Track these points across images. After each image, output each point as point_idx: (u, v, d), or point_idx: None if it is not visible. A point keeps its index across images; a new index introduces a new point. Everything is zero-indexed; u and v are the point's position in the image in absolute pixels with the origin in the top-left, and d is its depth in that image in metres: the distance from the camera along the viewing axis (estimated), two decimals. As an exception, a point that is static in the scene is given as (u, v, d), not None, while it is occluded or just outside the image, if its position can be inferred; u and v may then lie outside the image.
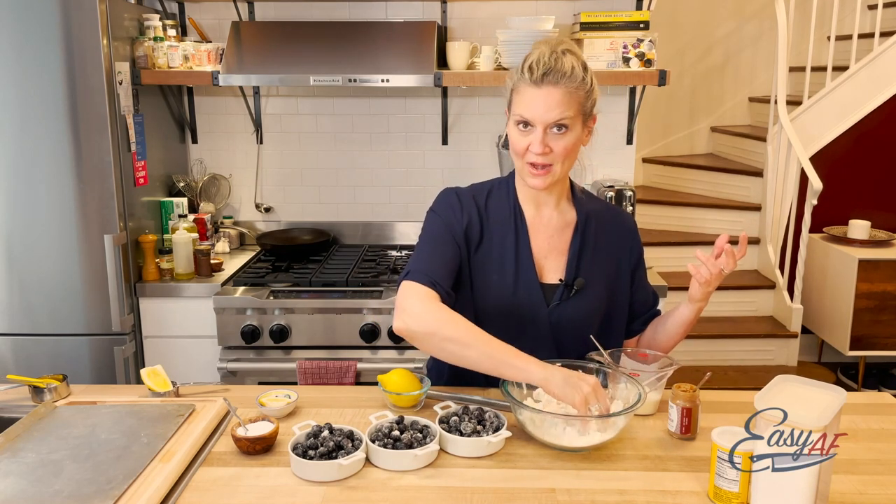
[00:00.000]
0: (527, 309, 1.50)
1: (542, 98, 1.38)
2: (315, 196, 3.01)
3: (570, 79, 1.39)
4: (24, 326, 2.41)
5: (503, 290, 1.50)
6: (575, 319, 1.51)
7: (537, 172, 1.43)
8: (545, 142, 1.40)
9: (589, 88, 1.42)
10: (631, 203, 2.73)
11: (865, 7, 3.89)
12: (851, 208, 3.70)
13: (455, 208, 1.51)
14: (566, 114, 1.39)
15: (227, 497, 1.18)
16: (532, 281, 1.50)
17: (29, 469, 1.21)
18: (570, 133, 1.41)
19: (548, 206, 1.55)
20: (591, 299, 1.53)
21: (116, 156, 2.36)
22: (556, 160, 1.42)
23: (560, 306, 1.51)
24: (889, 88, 3.59)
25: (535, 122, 1.40)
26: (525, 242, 1.51)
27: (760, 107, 4.34)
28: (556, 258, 1.54)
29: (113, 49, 2.34)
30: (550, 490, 1.20)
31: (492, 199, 1.54)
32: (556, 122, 1.39)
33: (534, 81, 1.39)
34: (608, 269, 1.56)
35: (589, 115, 1.45)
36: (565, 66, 1.39)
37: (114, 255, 2.35)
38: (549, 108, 1.38)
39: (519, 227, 1.52)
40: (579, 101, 1.40)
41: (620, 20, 2.58)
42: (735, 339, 3.44)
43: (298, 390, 1.51)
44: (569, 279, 1.51)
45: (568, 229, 1.55)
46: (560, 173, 1.45)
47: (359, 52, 2.59)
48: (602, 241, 1.56)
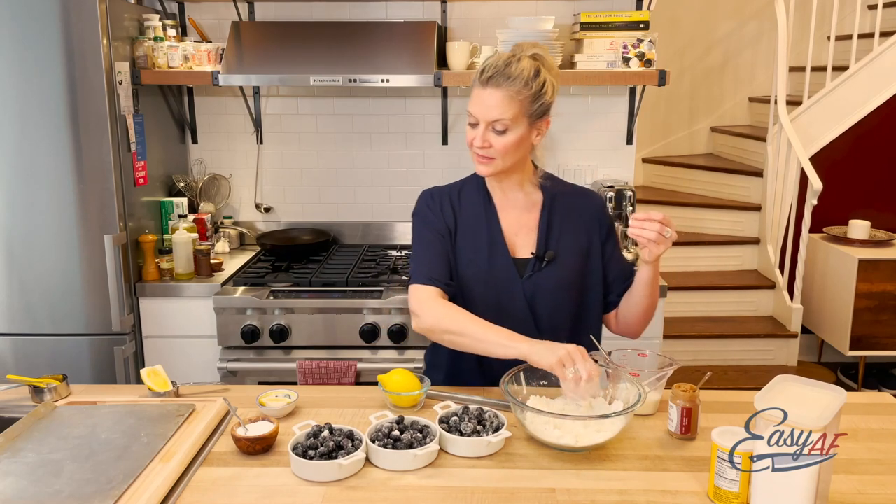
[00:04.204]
0: (502, 282, 1.61)
1: (484, 98, 1.51)
2: (315, 196, 3.01)
3: (512, 82, 1.49)
4: (24, 326, 2.41)
5: (479, 265, 1.61)
6: (548, 290, 1.61)
7: (481, 161, 1.56)
8: (485, 137, 1.52)
9: (537, 93, 1.51)
10: (631, 203, 2.73)
11: (865, 7, 3.89)
12: (851, 208, 3.70)
13: (431, 206, 1.66)
14: (505, 115, 1.49)
15: (227, 497, 1.18)
16: (504, 255, 1.62)
17: (29, 469, 1.21)
18: (511, 133, 1.52)
19: (513, 190, 1.66)
20: (563, 270, 1.62)
21: (116, 156, 2.36)
22: (496, 155, 1.53)
23: (532, 278, 1.61)
24: (889, 88, 3.59)
25: (478, 118, 1.52)
26: (495, 221, 1.64)
27: (760, 107, 4.34)
28: (527, 235, 1.64)
29: (113, 49, 2.34)
30: (550, 490, 1.20)
31: (465, 191, 1.68)
32: (494, 121, 1.50)
33: (481, 82, 1.52)
34: (579, 243, 1.65)
35: (538, 117, 1.54)
36: (513, 70, 1.50)
37: (114, 255, 2.35)
38: (488, 108, 1.50)
39: (488, 210, 1.65)
40: (522, 104, 1.50)
41: (620, 20, 2.58)
42: (735, 339, 3.44)
43: (298, 390, 1.51)
44: (539, 252, 1.62)
45: (535, 208, 1.66)
46: (504, 165, 1.56)
47: (359, 52, 2.59)
48: (571, 218, 1.66)
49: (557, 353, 1.36)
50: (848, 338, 3.37)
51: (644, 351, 1.52)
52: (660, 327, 2.48)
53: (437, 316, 1.52)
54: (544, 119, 1.56)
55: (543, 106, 1.54)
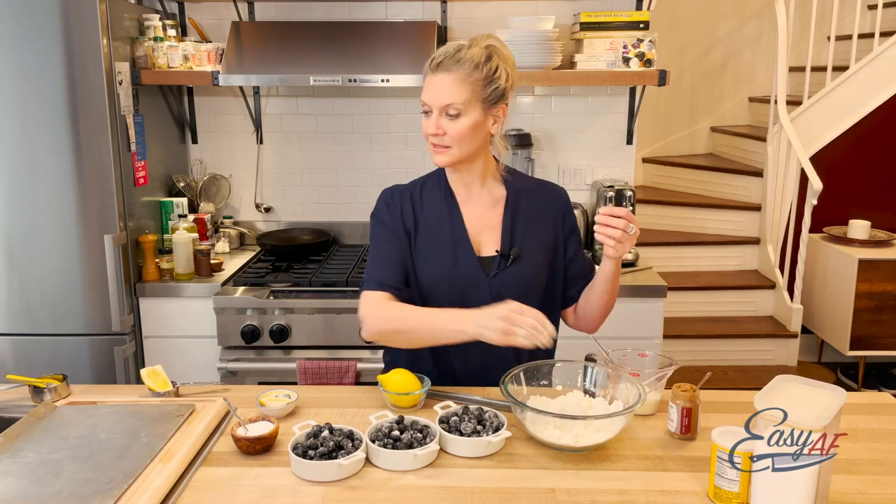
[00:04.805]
0: (468, 281, 1.58)
1: (435, 84, 1.49)
2: (315, 196, 3.01)
3: (462, 65, 1.48)
4: (24, 326, 2.41)
5: (443, 266, 1.58)
6: (515, 287, 1.57)
7: (436, 150, 1.53)
8: (438, 124, 1.50)
9: (489, 76, 1.49)
10: (631, 203, 2.73)
11: (865, 7, 3.89)
12: (851, 208, 3.70)
13: (390, 205, 1.63)
14: (456, 99, 1.47)
15: (227, 497, 1.18)
16: (469, 254, 1.59)
17: (29, 469, 1.21)
18: (464, 118, 1.49)
19: (475, 186, 1.63)
20: (529, 267, 1.60)
21: (116, 156, 2.36)
22: (451, 142, 1.51)
23: (498, 276, 1.58)
24: (889, 88, 3.59)
25: (430, 105, 1.50)
26: (458, 219, 1.61)
27: (760, 107, 4.34)
28: (491, 232, 1.62)
29: (113, 49, 2.34)
30: (550, 490, 1.20)
31: (426, 189, 1.65)
32: (446, 106, 1.48)
33: (431, 69, 1.51)
34: (543, 239, 1.63)
35: (493, 102, 1.52)
36: (463, 55, 1.49)
37: (114, 255, 2.35)
38: (439, 93, 1.48)
39: (451, 207, 1.62)
40: (474, 88, 1.48)
41: (620, 20, 2.58)
42: (735, 339, 3.44)
43: (298, 390, 1.51)
44: (504, 249, 1.59)
45: (499, 205, 1.63)
46: (461, 154, 1.53)
47: (359, 52, 2.59)
48: (534, 213, 1.64)
49: (500, 327, 1.34)
50: (848, 338, 3.37)
51: (644, 351, 1.52)
52: (660, 327, 2.48)
53: (380, 319, 1.50)
54: (500, 106, 1.53)
55: (498, 91, 1.51)
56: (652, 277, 2.54)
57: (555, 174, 2.96)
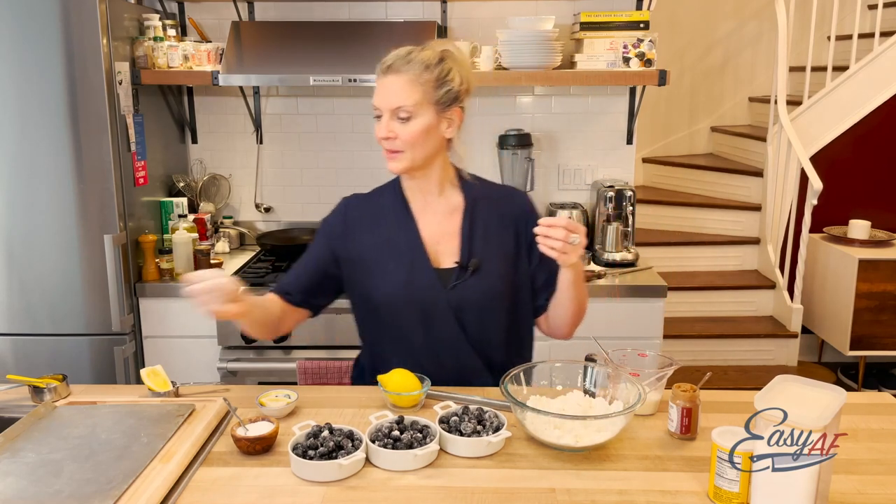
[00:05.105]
0: (426, 294, 1.54)
1: (385, 86, 1.47)
2: (315, 196, 3.00)
3: (412, 66, 1.45)
4: (24, 326, 2.41)
5: (399, 278, 1.54)
6: (476, 300, 1.54)
7: (389, 156, 1.50)
8: (390, 127, 1.46)
9: (440, 78, 1.47)
10: (631, 203, 2.73)
11: (865, 7, 3.89)
12: (851, 208, 3.70)
13: (339, 215, 1.63)
14: (407, 101, 1.44)
15: (227, 497, 1.18)
16: (425, 266, 1.54)
17: (29, 469, 1.21)
18: (416, 121, 1.46)
19: (432, 194, 1.58)
20: (489, 278, 1.55)
21: (116, 156, 2.36)
22: (404, 146, 1.47)
23: (458, 288, 1.54)
24: (889, 88, 3.59)
25: (381, 108, 1.47)
26: (413, 231, 1.57)
27: (760, 107, 4.34)
28: (449, 243, 1.57)
29: (113, 49, 2.34)
30: (550, 490, 1.20)
31: (383, 198, 1.62)
32: (397, 108, 1.45)
33: (382, 72, 1.48)
34: (505, 248, 1.58)
35: (446, 105, 1.48)
36: (414, 56, 1.46)
37: (114, 255, 2.35)
38: (389, 95, 1.45)
39: (406, 218, 1.58)
40: (425, 90, 1.45)
41: (620, 20, 2.58)
42: (735, 339, 3.44)
43: (298, 390, 1.51)
44: (464, 261, 1.55)
45: (457, 213, 1.58)
46: (414, 158, 1.49)
47: (359, 52, 2.59)
48: (494, 221, 1.59)
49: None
50: (848, 338, 3.37)
51: (644, 351, 1.52)
52: (660, 327, 2.48)
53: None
54: (454, 109, 1.49)
55: (451, 94, 1.47)
56: (652, 277, 2.54)
57: (555, 174, 2.96)
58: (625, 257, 2.68)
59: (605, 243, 2.71)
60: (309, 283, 1.60)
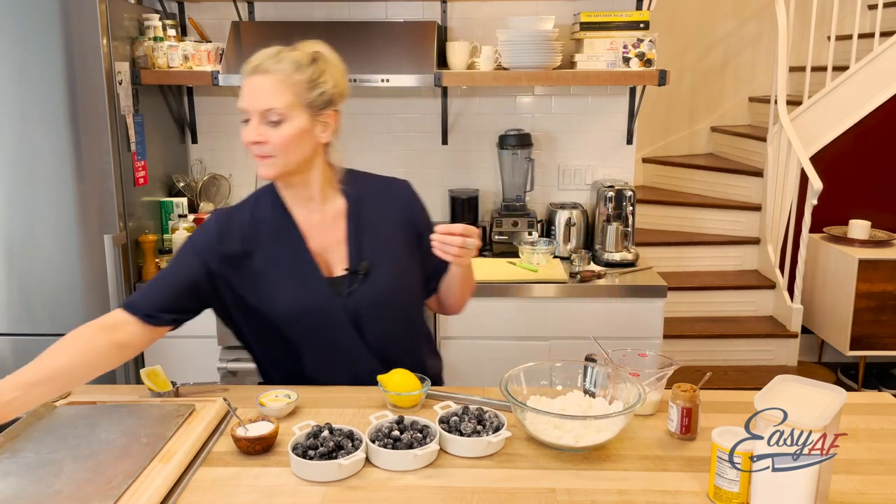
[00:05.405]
0: (320, 306, 1.50)
1: (253, 87, 1.40)
2: (315, 196, 3.00)
3: (282, 66, 1.39)
4: (24, 326, 2.41)
5: (290, 294, 1.49)
6: (373, 302, 1.52)
7: (260, 161, 1.43)
8: (259, 131, 1.40)
9: (313, 79, 1.41)
10: (631, 203, 2.73)
11: (865, 7, 3.89)
12: (851, 208, 3.70)
13: (211, 232, 1.50)
14: (276, 103, 1.38)
15: (227, 497, 1.18)
16: (316, 278, 1.50)
17: (29, 469, 1.21)
18: (287, 124, 1.40)
19: (313, 201, 1.52)
20: (383, 278, 1.53)
21: (116, 156, 2.36)
22: (275, 151, 1.40)
23: (353, 295, 1.51)
24: (889, 88, 3.59)
25: (249, 110, 1.41)
26: (299, 242, 1.50)
27: (760, 107, 4.34)
28: (338, 249, 1.53)
29: (113, 49, 2.34)
30: (550, 490, 1.20)
31: (258, 211, 1.53)
32: (267, 111, 1.38)
33: (249, 72, 1.41)
34: (395, 243, 1.56)
35: (320, 108, 1.43)
36: (283, 56, 1.40)
37: (114, 255, 2.35)
38: (257, 96, 1.39)
39: (290, 230, 1.51)
40: (296, 91, 1.39)
41: (620, 20, 2.58)
42: (735, 339, 3.44)
43: (298, 390, 1.51)
44: (353, 266, 1.51)
45: (340, 217, 1.54)
46: (287, 164, 1.43)
47: (359, 52, 2.59)
48: (380, 218, 1.56)
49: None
50: (848, 338, 3.37)
51: (644, 351, 1.52)
52: (660, 327, 2.48)
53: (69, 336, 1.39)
54: (328, 112, 1.44)
55: (325, 96, 1.42)
56: (652, 277, 2.54)
57: (555, 174, 2.96)
58: (625, 257, 2.68)
59: (605, 243, 2.71)
60: (175, 302, 1.48)
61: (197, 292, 1.51)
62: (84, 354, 1.37)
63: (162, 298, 1.48)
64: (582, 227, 2.78)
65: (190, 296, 1.50)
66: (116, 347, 1.41)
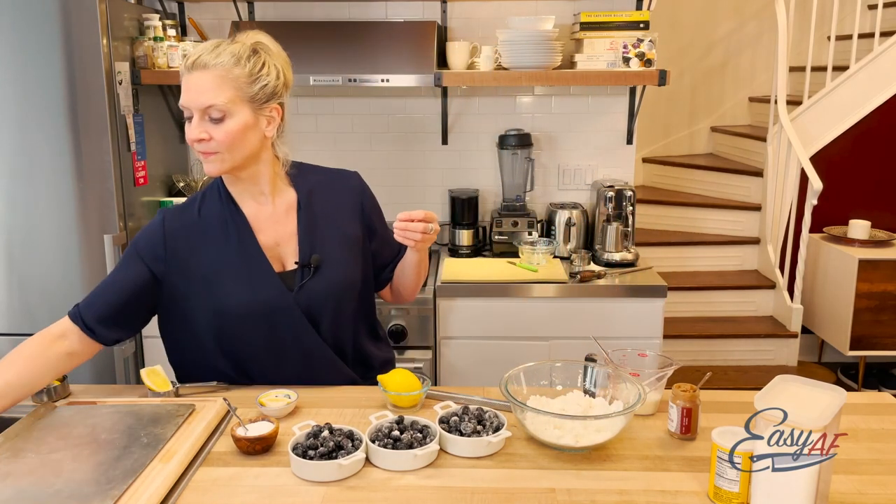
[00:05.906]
0: (273, 302, 1.48)
1: (193, 83, 1.36)
2: (315, 196, 3.00)
3: (221, 61, 1.36)
4: (24, 326, 2.41)
5: (241, 291, 1.47)
6: (325, 296, 1.51)
7: (204, 158, 1.41)
8: (203, 128, 1.37)
9: (253, 73, 1.38)
10: (631, 203, 2.73)
11: (865, 7, 3.89)
12: (851, 208, 3.70)
13: (156, 234, 1.48)
14: (217, 99, 1.35)
15: (227, 497, 1.18)
16: (267, 273, 1.48)
17: (29, 469, 1.21)
18: (231, 120, 1.37)
19: (263, 196, 1.51)
20: (336, 271, 1.52)
21: (116, 156, 2.36)
22: (220, 148, 1.38)
23: (304, 289, 1.50)
24: (889, 88, 3.59)
25: (190, 107, 1.38)
26: (249, 238, 1.48)
27: (760, 107, 4.34)
28: (289, 243, 1.52)
29: (113, 49, 2.34)
30: (550, 490, 1.20)
31: (204, 207, 1.51)
32: (208, 108, 1.36)
33: (187, 68, 1.37)
34: (347, 234, 1.56)
35: (263, 102, 1.41)
36: (222, 50, 1.37)
37: (114, 255, 2.35)
38: (197, 93, 1.36)
39: (239, 225, 1.49)
40: (238, 86, 1.37)
41: (620, 20, 2.58)
42: (735, 339, 3.44)
43: (298, 390, 1.51)
44: (304, 260, 1.50)
45: (291, 211, 1.53)
46: (234, 160, 1.41)
47: (359, 52, 2.59)
48: (330, 209, 1.56)
49: None
50: (848, 338, 3.37)
51: (644, 351, 1.52)
52: (660, 327, 2.48)
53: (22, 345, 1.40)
54: (271, 105, 1.42)
55: (267, 89, 1.40)
56: (652, 277, 2.54)
57: (555, 174, 2.96)
58: (625, 257, 2.68)
59: (605, 243, 2.71)
60: (119, 313, 1.47)
61: (142, 299, 1.50)
62: (32, 372, 1.40)
63: (106, 308, 1.47)
64: (582, 227, 2.78)
65: (136, 304, 1.50)
66: (66, 357, 1.45)
